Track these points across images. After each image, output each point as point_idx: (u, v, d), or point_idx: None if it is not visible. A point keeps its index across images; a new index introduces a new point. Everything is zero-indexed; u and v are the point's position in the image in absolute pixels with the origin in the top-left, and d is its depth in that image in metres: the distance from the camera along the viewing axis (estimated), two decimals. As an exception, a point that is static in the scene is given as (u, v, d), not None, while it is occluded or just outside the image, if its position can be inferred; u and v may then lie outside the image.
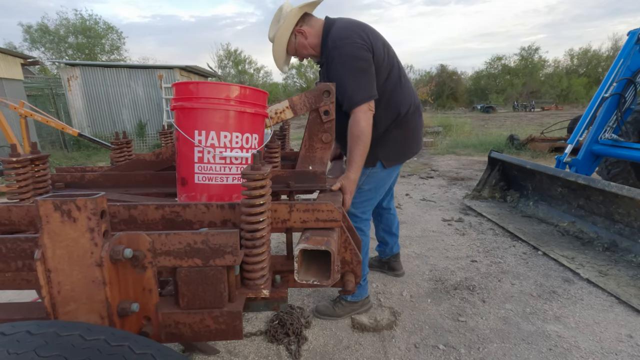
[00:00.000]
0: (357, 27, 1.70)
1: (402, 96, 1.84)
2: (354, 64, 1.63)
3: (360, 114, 1.64)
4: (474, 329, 1.97)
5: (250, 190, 0.90)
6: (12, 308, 0.87)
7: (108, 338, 0.62)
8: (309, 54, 1.81)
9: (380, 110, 1.76)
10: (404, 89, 1.85)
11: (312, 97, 1.58)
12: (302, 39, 1.76)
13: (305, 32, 1.75)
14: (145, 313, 0.83)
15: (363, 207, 1.97)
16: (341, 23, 1.73)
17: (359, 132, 1.63)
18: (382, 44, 1.75)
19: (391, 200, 2.45)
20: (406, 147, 1.94)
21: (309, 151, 1.67)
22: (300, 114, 1.61)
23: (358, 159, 1.65)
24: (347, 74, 1.63)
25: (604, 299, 2.22)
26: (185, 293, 0.84)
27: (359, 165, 1.66)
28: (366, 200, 1.97)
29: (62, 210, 0.70)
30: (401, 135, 1.89)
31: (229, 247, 0.82)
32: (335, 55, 1.66)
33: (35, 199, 0.69)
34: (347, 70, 1.63)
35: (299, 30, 1.74)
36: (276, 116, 1.57)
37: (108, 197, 1.31)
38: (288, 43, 1.76)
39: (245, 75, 33.88)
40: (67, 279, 0.72)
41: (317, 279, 1.00)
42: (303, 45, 1.77)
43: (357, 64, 1.64)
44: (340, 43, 1.64)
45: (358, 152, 1.64)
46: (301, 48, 1.77)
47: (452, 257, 2.89)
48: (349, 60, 1.63)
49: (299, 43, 1.76)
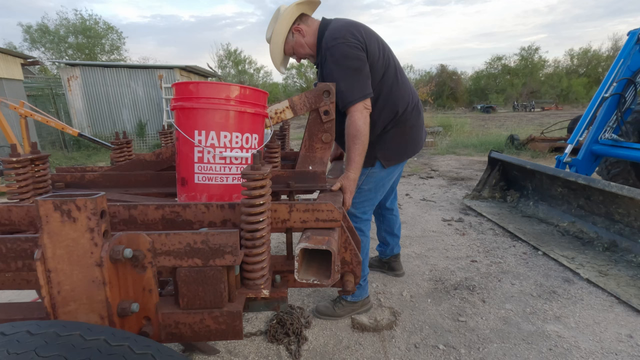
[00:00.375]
0: (350, 26, 1.70)
1: (399, 95, 1.83)
2: (347, 63, 1.63)
3: (357, 113, 1.63)
4: (474, 329, 1.97)
5: (250, 190, 0.90)
6: (12, 308, 0.87)
7: (108, 338, 0.62)
8: (306, 54, 1.80)
9: (377, 109, 1.76)
10: (402, 88, 1.85)
11: (312, 97, 1.58)
12: (300, 37, 1.75)
13: (302, 30, 1.74)
14: (145, 313, 0.83)
15: (363, 207, 1.97)
16: (336, 23, 1.73)
17: (355, 131, 1.63)
18: (377, 43, 1.75)
19: (394, 200, 2.44)
20: (405, 146, 1.93)
21: (309, 151, 1.67)
22: (300, 114, 1.61)
23: (357, 158, 1.65)
24: (340, 73, 1.62)
25: (604, 299, 2.22)
26: (185, 293, 0.84)
27: (358, 164, 1.65)
28: (366, 201, 1.96)
29: (62, 210, 0.70)
30: (400, 134, 1.89)
31: (228, 247, 0.82)
32: (328, 55, 1.65)
33: (35, 199, 0.69)
34: (340, 70, 1.63)
35: (297, 29, 1.74)
36: (276, 116, 1.57)
37: (108, 197, 1.31)
38: (285, 42, 1.75)
39: (245, 75, 33.87)
40: (67, 279, 0.72)
41: (317, 278, 1.00)
42: (300, 44, 1.76)
43: (351, 63, 1.63)
44: (334, 43, 1.64)
45: (356, 151, 1.64)
46: (298, 47, 1.77)
47: (452, 257, 2.89)
48: (342, 60, 1.63)
49: (296, 42, 1.75)
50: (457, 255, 2.92)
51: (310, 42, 1.76)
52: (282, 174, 1.48)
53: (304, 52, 1.78)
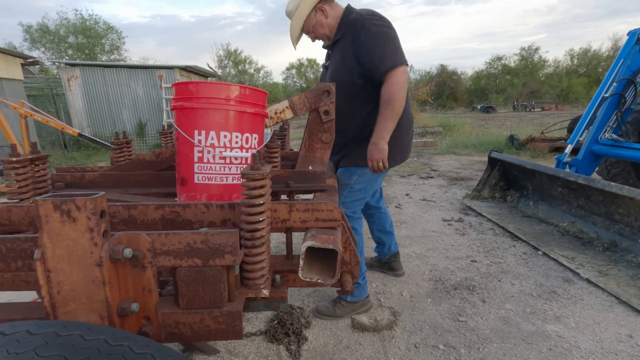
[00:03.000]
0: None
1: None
2: (390, 32, 1.70)
3: (403, 75, 1.67)
4: (474, 329, 1.97)
5: (250, 190, 0.90)
6: (12, 308, 0.86)
7: (108, 338, 0.62)
8: (324, 34, 1.84)
9: (376, 111, 1.77)
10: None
11: (312, 97, 1.58)
12: (322, 17, 1.80)
13: (326, 10, 1.79)
14: (145, 313, 0.83)
15: (354, 206, 1.98)
16: (366, 9, 1.80)
17: (389, 98, 1.67)
18: None
19: (380, 198, 2.45)
20: (399, 150, 1.95)
21: (308, 151, 1.67)
22: (300, 114, 1.61)
23: (386, 122, 1.69)
24: (383, 38, 1.68)
25: (604, 299, 2.22)
26: (185, 293, 0.84)
27: (389, 130, 1.70)
28: (357, 200, 1.98)
29: (61, 210, 0.70)
30: (394, 138, 1.88)
31: (228, 247, 0.82)
32: (367, 25, 1.70)
33: (35, 199, 0.69)
34: (383, 36, 1.68)
35: (320, 8, 1.78)
36: (276, 116, 1.57)
37: (108, 197, 1.31)
38: (307, 17, 1.79)
39: (245, 75, 33.87)
40: (66, 278, 0.72)
41: (320, 277, 1.00)
42: (321, 23, 1.80)
43: (392, 32, 1.71)
44: (373, 17, 1.72)
45: (388, 116, 1.68)
46: (318, 26, 1.81)
47: (452, 257, 2.89)
48: (385, 29, 1.70)
49: (317, 20, 1.80)
50: (457, 255, 2.92)
51: (331, 24, 1.81)
52: (282, 174, 1.48)
53: (322, 32, 1.83)
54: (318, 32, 1.84)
